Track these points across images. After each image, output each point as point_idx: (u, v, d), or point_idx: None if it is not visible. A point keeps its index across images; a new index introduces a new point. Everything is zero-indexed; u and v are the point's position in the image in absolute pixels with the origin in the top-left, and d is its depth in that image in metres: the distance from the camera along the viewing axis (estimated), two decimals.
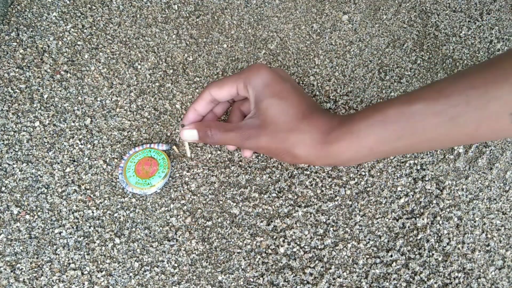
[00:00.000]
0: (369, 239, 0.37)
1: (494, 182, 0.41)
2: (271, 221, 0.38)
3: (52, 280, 0.35)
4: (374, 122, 0.31)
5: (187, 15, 0.50)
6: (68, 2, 0.50)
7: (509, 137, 0.33)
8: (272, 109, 0.33)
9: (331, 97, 0.45)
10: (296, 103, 0.33)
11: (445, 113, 0.29)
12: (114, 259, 0.36)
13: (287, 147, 0.33)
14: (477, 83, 0.28)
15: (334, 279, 0.36)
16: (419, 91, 0.31)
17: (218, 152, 0.41)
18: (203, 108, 0.36)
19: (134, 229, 0.37)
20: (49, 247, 0.36)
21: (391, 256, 0.37)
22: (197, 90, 0.45)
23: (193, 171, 0.40)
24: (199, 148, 0.41)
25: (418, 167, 0.41)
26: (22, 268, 0.35)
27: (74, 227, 0.37)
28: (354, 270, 0.36)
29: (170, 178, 0.40)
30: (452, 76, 0.30)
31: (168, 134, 0.42)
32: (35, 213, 0.38)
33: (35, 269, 0.35)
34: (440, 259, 0.37)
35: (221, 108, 0.39)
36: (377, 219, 0.38)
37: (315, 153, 0.32)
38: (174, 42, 0.48)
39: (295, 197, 0.39)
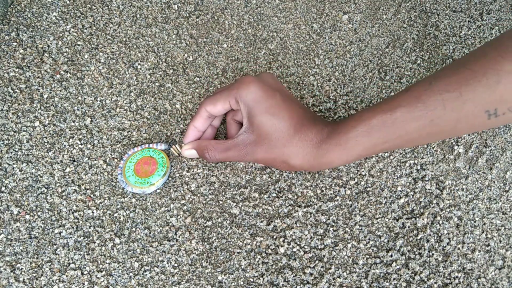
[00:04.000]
0: (369, 239, 0.37)
1: (494, 182, 0.41)
2: (271, 221, 0.38)
3: (52, 280, 0.35)
4: (360, 133, 0.33)
5: (187, 15, 0.50)
6: (68, 2, 0.50)
7: (486, 129, 0.36)
8: (264, 125, 0.35)
9: (331, 97, 0.45)
10: (287, 117, 0.35)
11: (425, 117, 0.31)
12: (114, 259, 0.36)
13: (283, 159, 0.36)
14: (451, 87, 0.30)
15: (334, 279, 0.36)
16: (398, 98, 0.33)
17: None
18: (202, 124, 0.38)
19: (134, 229, 0.37)
20: (49, 247, 0.36)
21: (391, 256, 0.37)
22: (197, 90, 0.45)
23: (193, 171, 0.40)
24: None
25: (418, 167, 0.41)
26: (22, 268, 0.35)
27: (74, 227, 0.37)
28: (354, 270, 0.36)
29: (170, 178, 0.40)
30: (428, 79, 0.32)
31: (168, 134, 0.42)
32: (35, 213, 0.38)
33: (35, 269, 0.35)
34: (440, 259, 0.37)
35: (218, 120, 0.41)
36: (377, 219, 0.38)
37: (308, 163, 0.36)
38: (174, 42, 0.48)
39: (295, 197, 0.39)
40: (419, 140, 0.34)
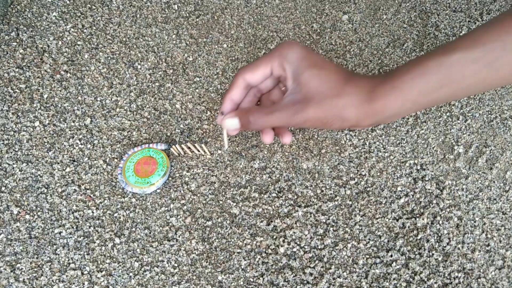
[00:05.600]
0: (369, 239, 0.37)
1: (494, 182, 0.41)
2: (271, 221, 0.38)
3: (52, 280, 0.35)
4: (415, 75, 0.32)
5: (187, 15, 0.50)
6: (68, 2, 0.50)
7: None
8: (314, 79, 0.33)
9: None
10: (335, 70, 0.34)
11: (483, 59, 0.31)
12: (114, 259, 0.36)
13: (337, 112, 0.33)
14: (510, 29, 0.30)
15: (334, 279, 0.36)
16: (456, 41, 0.32)
17: (219, 151, 0.41)
18: (239, 95, 0.35)
19: (134, 229, 0.37)
20: (49, 247, 0.36)
21: (391, 256, 0.37)
22: (197, 90, 0.45)
23: (193, 171, 0.40)
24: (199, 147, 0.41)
25: (418, 167, 0.41)
26: (22, 268, 0.35)
27: (74, 227, 0.37)
28: (354, 270, 0.36)
29: (170, 178, 0.40)
30: (486, 24, 0.32)
31: (168, 134, 0.42)
32: (35, 213, 0.38)
33: (35, 269, 0.35)
34: (440, 259, 0.37)
35: (255, 91, 0.37)
36: (377, 219, 0.38)
37: (363, 112, 0.33)
38: (174, 42, 0.48)
39: (295, 197, 0.39)
40: (474, 86, 0.33)
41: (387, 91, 0.33)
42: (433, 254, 0.37)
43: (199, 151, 0.40)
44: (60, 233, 0.37)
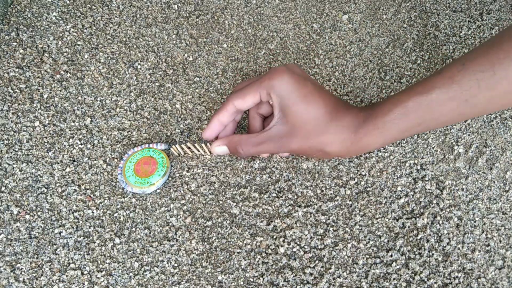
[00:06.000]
0: (369, 239, 0.37)
1: (494, 182, 0.41)
2: (271, 221, 0.38)
3: (52, 280, 0.35)
4: (396, 116, 0.34)
5: (187, 15, 0.50)
6: (68, 2, 0.50)
7: None
8: (300, 115, 0.35)
9: None
10: (322, 105, 0.35)
11: (459, 97, 0.32)
12: (114, 259, 0.36)
13: (320, 148, 0.36)
14: (485, 67, 0.31)
15: (334, 279, 0.36)
16: (432, 80, 0.34)
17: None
18: (227, 118, 0.38)
19: (134, 229, 0.37)
20: (49, 247, 0.36)
21: (391, 256, 0.37)
22: (197, 90, 0.45)
23: (193, 171, 0.40)
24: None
25: (418, 167, 0.41)
26: (22, 268, 0.35)
27: (74, 227, 0.37)
28: (354, 270, 0.36)
29: (170, 178, 0.40)
30: (460, 60, 0.33)
31: (168, 134, 0.42)
32: (35, 213, 0.38)
33: (35, 269, 0.35)
34: (440, 259, 0.37)
35: (240, 114, 0.40)
36: (377, 219, 0.38)
37: (345, 149, 0.36)
38: (174, 42, 0.48)
39: (295, 197, 0.39)
40: (451, 121, 0.36)
41: (369, 131, 0.35)
42: (433, 254, 0.37)
43: (199, 151, 0.40)
44: (60, 233, 0.37)
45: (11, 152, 0.40)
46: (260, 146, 0.36)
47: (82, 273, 0.35)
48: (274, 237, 0.37)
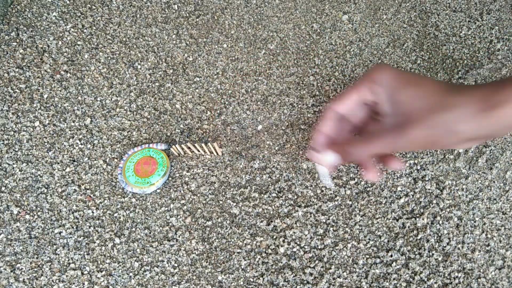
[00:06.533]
0: (369, 239, 0.37)
1: (494, 182, 0.41)
2: (271, 221, 0.38)
3: (52, 280, 0.35)
4: None
5: (187, 15, 0.50)
6: (68, 2, 0.50)
7: None
8: (413, 97, 0.30)
9: (331, 97, 0.45)
10: (434, 84, 0.30)
11: None
12: (114, 259, 0.36)
13: (447, 128, 0.29)
14: None
15: (334, 279, 0.36)
16: None
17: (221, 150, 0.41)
18: (329, 128, 0.33)
19: (134, 229, 0.37)
20: (49, 247, 0.36)
21: (391, 256, 0.37)
22: (197, 90, 0.45)
23: (193, 171, 0.40)
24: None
25: (418, 167, 0.41)
26: (22, 268, 0.35)
27: (74, 227, 0.37)
28: (354, 270, 0.36)
29: (170, 178, 0.40)
30: None
31: (168, 134, 0.42)
32: (35, 213, 0.38)
33: (35, 269, 0.35)
34: (440, 259, 0.37)
35: (347, 124, 0.35)
36: (377, 219, 0.38)
37: (478, 123, 0.29)
38: (174, 42, 0.48)
39: (295, 197, 0.39)
40: None
41: (505, 99, 0.28)
42: (433, 254, 0.37)
43: (199, 151, 0.40)
44: (60, 233, 0.37)
45: (11, 152, 0.40)
46: (372, 142, 0.31)
47: (82, 273, 0.35)
48: (274, 237, 0.37)
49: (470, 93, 0.29)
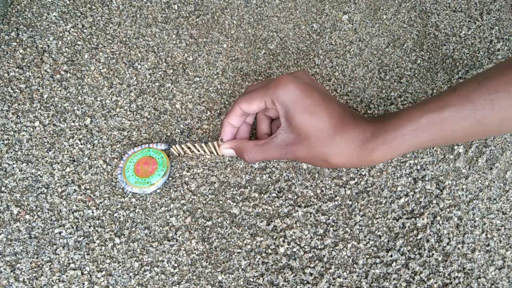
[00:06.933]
0: (369, 239, 0.37)
1: (494, 182, 0.41)
2: (271, 221, 0.38)
3: (52, 280, 0.35)
4: (407, 132, 0.33)
5: (187, 15, 0.50)
6: (68, 2, 0.50)
7: None
8: (304, 125, 0.34)
9: None
10: (326, 117, 0.34)
11: (472, 116, 0.32)
12: (114, 259, 0.36)
13: (324, 158, 0.35)
14: (500, 87, 0.31)
15: (334, 279, 0.36)
16: (446, 97, 0.33)
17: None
18: (236, 121, 0.38)
19: (134, 229, 0.37)
20: (49, 247, 0.36)
21: (391, 256, 0.37)
22: (197, 90, 0.45)
23: (193, 171, 0.40)
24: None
25: (418, 167, 0.41)
26: (22, 268, 0.35)
27: (74, 227, 0.37)
28: (354, 270, 0.36)
29: (170, 178, 0.40)
30: (475, 79, 0.33)
31: (168, 134, 0.42)
32: (35, 213, 0.38)
33: (35, 269, 0.35)
34: (440, 259, 0.37)
35: (251, 117, 0.40)
36: (377, 219, 0.38)
37: (351, 161, 0.35)
38: (174, 42, 0.48)
39: (295, 197, 0.39)
40: (462, 139, 0.35)
41: (378, 146, 0.34)
42: (433, 254, 0.37)
43: (199, 151, 0.40)
44: (60, 233, 0.37)
45: (11, 152, 0.40)
46: (265, 153, 0.37)
47: (82, 273, 0.35)
48: (274, 237, 0.37)
49: (350, 135, 0.34)
